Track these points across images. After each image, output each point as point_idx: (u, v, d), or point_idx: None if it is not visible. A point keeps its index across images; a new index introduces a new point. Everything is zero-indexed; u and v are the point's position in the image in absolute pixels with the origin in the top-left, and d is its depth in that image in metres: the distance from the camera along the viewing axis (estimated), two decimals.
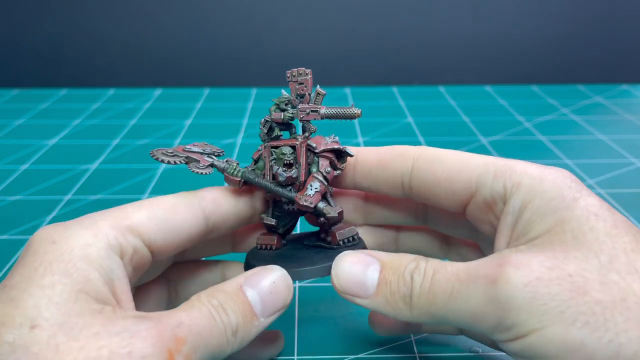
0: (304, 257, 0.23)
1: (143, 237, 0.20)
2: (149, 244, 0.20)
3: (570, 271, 0.16)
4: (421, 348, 0.27)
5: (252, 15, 0.68)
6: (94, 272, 0.18)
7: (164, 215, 0.21)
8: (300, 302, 0.30)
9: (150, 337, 0.17)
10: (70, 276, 0.17)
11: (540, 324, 0.16)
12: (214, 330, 0.18)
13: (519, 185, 0.19)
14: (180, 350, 0.17)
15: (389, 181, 0.23)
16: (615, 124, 0.58)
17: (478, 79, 0.71)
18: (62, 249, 0.18)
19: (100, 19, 0.68)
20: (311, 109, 0.24)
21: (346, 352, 0.27)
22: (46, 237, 0.19)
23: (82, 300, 0.17)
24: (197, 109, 0.63)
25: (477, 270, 0.17)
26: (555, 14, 0.69)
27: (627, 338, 0.15)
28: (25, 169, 0.48)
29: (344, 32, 0.69)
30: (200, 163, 0.23)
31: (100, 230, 0.19)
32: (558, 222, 0.18)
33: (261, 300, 0.20)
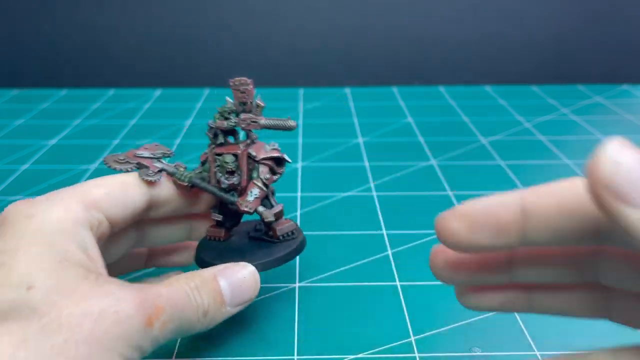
0: (247, 251, 0.27)
1: (103, 211, 0.23)
2: (108, 217, 0.23)
3: None
4: (421, 348, 0.27)
5: (252, 15, 0.68)
6: (71, 243, 0.20)
7: (118, 192, 0.24)
8: (300, 302, 0.30)
9: (133, 301, 0.20)
10: (53, 247, 0.20)
11: None
12: (188, 307, 0.22)
13: None
14: (159, 317, 0.20)
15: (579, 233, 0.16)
16: (616, 124, 0.58)
17: (478, 79, 0.71)
18: (39, 222, 0.20)
19: (101, 20, 0.68)
20: (251, 120, 0.26)
21: (346, 352, 0.27)
22: (21, 212, 0.21)
23: (68, 268, 0.20)
24: (197, 109, 0.63)
25: None
26: (555, 14, 0.69)
27: None
28: (25, 169, 0.48)
29: (344, 32, 0.69)
30: (150, 170, 0.26)
31: (70, 206, 0.22)
32: None
33: (231, 291, 0.24)
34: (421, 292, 0.31)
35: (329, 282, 0.32)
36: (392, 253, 0.35)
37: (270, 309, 0.30)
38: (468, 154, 0.50)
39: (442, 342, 0.27)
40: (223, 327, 0.28)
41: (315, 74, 0.71)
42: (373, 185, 0.44)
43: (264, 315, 0.29)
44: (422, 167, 0.48)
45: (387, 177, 0.46)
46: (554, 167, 0.47)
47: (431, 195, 0.42)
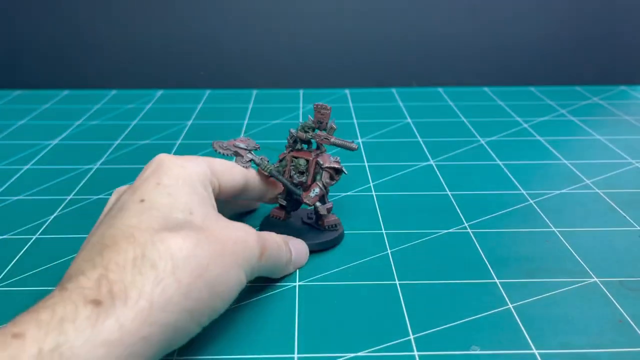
0: (300, 232, 0.35)
1: (220, 180, 0.31)
2: (220, 185, 0.31)
3: None
4: (420, 347, 0.27)
5: (252, 17, 0.69)
6: (206, 190, 0.28)
7: (229, 170, 0.32)
8: (300, 301, 0.31)
9: (255, 236, 0.27)
10: (197, 189, 0.27)
11: None
12: (280, 254, 0.30)
13: None
14: (265, 253, 0.28)
15: None
16: (614, 124, 0.58)
17: (477, 81, 0.72)
18: (189, 173, 0.28)
19: (102, 21, 0.69)
20: (324, 137, 0.34)
21: (346, 351, 0.27)
22: (175, 162, 0.28)
23: (208, 205, 0.27)
24: (198, 110, 0.63)
25: None
26: (553, 16, 0.69)
27: None
28: (28, 169, 0.48)
29: (344, 33, 0.69)
30: (243, 158, 0.35)
31: (204, 168, 0.29)
32: None
33: (294, 255, 0.33)
34: (420, 291, 0.31)
35: (329, 281, 0.32)
36: (391, 252, 0.35)
37: (271, 308, 0.30)
38: (467, 154, 0.51)
39: (441, 340, 0.27)
40: (223, 326, 0.28)
41: (315, 75, 0.71)
42: (372, 186, 0.44)
43: (265, 314, 0.30)
44: (421, 167, 0.48)
45: (387, 177, 0.46)
46: (552, 168, 0.48)
47: (430, 195, 0.43)
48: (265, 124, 0.59)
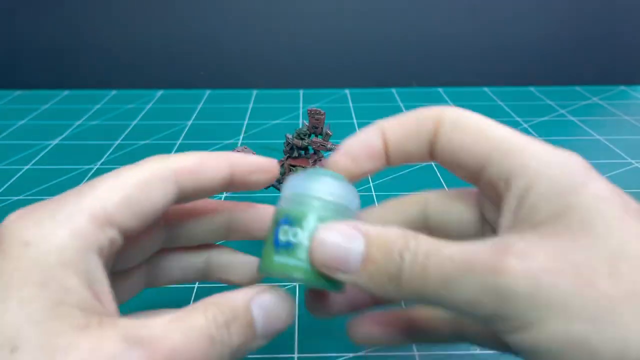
0: None
1: (119, 226, 0.18)
2: (124, 231, 0.18)
3: (576, 261, 0.15)
4: (421, 347, 0.27)
5: (252, 17, 0.69)
6: (74, 278, 0.16)
7: (138, 197, 0.18)
8: (300, 301, 0.31)
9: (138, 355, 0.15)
10: (50, 285, 0.16)
11: (541, 318, 0.15)
12: (210, 355, 0.17)
13: (526, 168, 0.17)
14: None
15: (420, 150, 0.21)
16: (613, 124, 0.58)
17: (476, 81, 0.72)
18: (37, 252, 0.16)
19: (103, 21, 0.69)
20: (321, 143, 0.34)
21: (346, 350, 0.27)
22: (18, 236, 0.17)
23: (64, 316, 0.15)
24: (199, 110, 0.63)
25: (475, 256, 0.16)
26: (553, 16, 0.69)
27: (636, 335, 0.14)
28: (28, 169, 0.48)
29: (343, 33, 0.70)
30: None
31: (78, 227, 0.17)
32: (565, 207, 0.16)
33: (264, 321, 0.19)
34: None
35: None
36: None
37: None
38: None
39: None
40: None
41: (315, 75, 0.72)
42: (372, 186, 0.44)
43: None
44: (421, 167, 0.48)
45: (387, 177, 0.46)
46: None
47: None
48: (265, 124, 0.59)
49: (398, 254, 0.17)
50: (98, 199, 0.18)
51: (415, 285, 0.17)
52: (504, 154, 0.18)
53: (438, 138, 0.20)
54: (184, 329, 0.16)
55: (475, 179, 0.20)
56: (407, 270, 0.17)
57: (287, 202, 0.20)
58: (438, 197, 0.23)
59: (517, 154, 0.18)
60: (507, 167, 0.18)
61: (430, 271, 0.16)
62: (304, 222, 0.19)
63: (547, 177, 0.17)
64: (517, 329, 0.15)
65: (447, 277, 0.16)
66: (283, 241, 0.19)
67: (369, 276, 0.18)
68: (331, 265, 0.18)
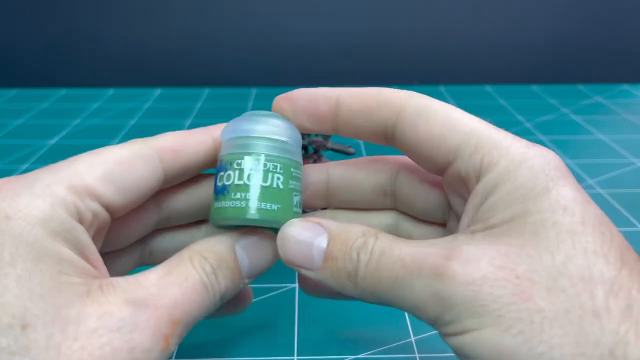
0: None
1: (101, 199, 0.18)
2: (107, 206, 0.18)
3: (519, 272, 0.15)
4: (421, 348, 0.27)
5: (252, 15, 0.68)
6: (64, 246, 0.16)
7: (120, 173, 0.19)
8: (300, 302, 0.30)
9: (149, 328, 0.16)
10: (43, 260, 0.15)
11: (477, 325, 0.15)
12: (206, 301, 0.18)
13: (496, 164, 0.17)
14: (175, 333, 0.17)
15: (373, 131, 0.20)
16: (616, 123, 0.58)
17: (478, 79, 0.71)
18: (21, 226, 0.16)
19: (100, 19, 0.68)
20: (321, 142, 0.34)
21: (346, 352, 0.27)
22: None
23: (65, 286, 0.16)
24: (197, 109, 0.63)
25: (424, 258, 0.16)
26: (555, 14, 0.69)
27: (560, 354, 0.14)
28: (26, 169, 0.48)
29: (344, 31, 0.69)
30: None
31: (57, 197, 0.17)
32: (521, 213, 0.16)
33: (250, 262, 0.20)
34: None
35: None
36: None
37: (270, 309, 0.30)
38: None
39: (443, 342, 0.27)
40: (222, 327, 0.28)
41: (315, 74, 0.71)
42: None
43: (264, 315, 0.29)
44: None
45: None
46: None
47: None
48: None
49: (356, 252, 0.17)
50: (76, 172, 0.18)
51: (369, 284, 0.17)
52: (474, 149, 0.18)
53: (400, 125, 0.19)
54: (178, 281, 0.17)
55: (440, 170, 0.19)
56: (362, 269, 0.17)
57: (223, 149, 0.20)
58: (410, 169, 0.22)
59: (487, 150, 0.17)
60: (476, 163, 0.18)
61: (382, 271, 0.17)
62: (234, 163, 0.19)
63: (514, 179, 0.17)
64: (456, 333, 0.16)
65: (397, 278, 0.16)
66: (219, 186, 0.19)
67: (330, 273, 0.18)
68: (295, 263, 0.19)
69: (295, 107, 0.21)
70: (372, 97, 0.20)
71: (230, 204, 0.19)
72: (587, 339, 0.14)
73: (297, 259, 0.19)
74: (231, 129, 0.20)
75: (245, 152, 0.19)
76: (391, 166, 0.22)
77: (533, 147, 0.18)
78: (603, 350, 0.14)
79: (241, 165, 0.19)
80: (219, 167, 0.20)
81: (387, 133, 0.20)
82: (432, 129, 0.18)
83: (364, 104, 0.20)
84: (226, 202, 0.19)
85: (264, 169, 0.19)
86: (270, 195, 0.19)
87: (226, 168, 0.19)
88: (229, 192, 0.19)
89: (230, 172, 0.19)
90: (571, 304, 0.14)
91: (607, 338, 0.14)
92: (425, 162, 0.20)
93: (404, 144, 0.20)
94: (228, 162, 0.19)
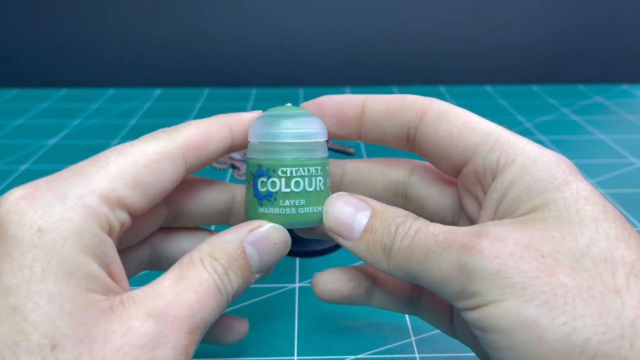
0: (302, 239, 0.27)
1: (129, 207, 0.18)
2: (133, 212, 0.18)
3: (544, 252, 0.16)
4: (421, 348, 0.27)
5: (252, 15, 0.68)
6: (93, 263, 0.16)
7: (149, 178, 0.18)
8: (300, 302, 0.30)
9: (170, 342, 0.16)
10: (74, 276, 0.15)
11: (501, 296, 0.16)
12: (220, 304, 0.18)
13: (512, 162, 0.18)
14: (193, 341, 0.17)
15: (396, 134, 0.21)
16: (616, 123, 0.58)
17: (478, 79, 0.71)
18: (53, 240, 0.15)
19: (100, 19, 0.68)
20: None
21: (346, 353, 0.26)
22: (28, 222, 0.16)
23: (92, 303, 0.16)
24: (197, 109, 0.63)
25: (455, 236, 0.17)
26: (555, 14, 0.69)
27: (583, 324, 0.15)
28: (25, 169, 0.48)
29: (344, 31, 0.69)
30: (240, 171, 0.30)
31: (90, 209, 0.16)
32: (544, 202, 0.17)
33: (259, 258, 0.20)
34: None
35: None
36: None
37: (270, 309, 0.30)
38: None
39: (443, 342, 0.27)
40: None
41: (315, 74, 0.71)
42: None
43: (264, 315, 0.29)
44: None
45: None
46: None
47: None
48: None
49: (395, 226, 0.19)
50: (108, 180, 0.17)
51: (401, 258, 0.18)
52: (491, 147, 0.19)
53: (422, 126, 0.21)
54: (193, 287, 0.18)
55: (456, 170, 0.21)
56: (397, 243, 0.18)
57: (257, 152, 0.20)
58: (424, 170, 0.23)
59: (503, 149, 0.19)
60: (493, 161, 0.19)
61: (415, 245, 0.18)
62: (278, 171, 0.20)
63: (532, 173, 0.18)
64: (477, 306, 0.16)
65: (428, 252, 0.17)
66: (263, 192, 0.20)
67: (366, 245, 0.19)
68: (336, 231, 0.20)
69: (322, 112, 0.22)
70: (396, 101, 0.21)
71: (280, 211, 0.20)
72: (608, 312, 0.15)
73: (338, 227, 0.20)
74: (265, 132, 0.20)
75: (289, 158, 0.20)
76: (406, 165, 0.23)
77: (547, 150, 0.19)
78: (624, 322, 0.14)
79: (286, 173, 0.20)
80: (259, 171, 0.20)
81: (409, 135, 0.21)
82: (452, 129, 0.20)
83: (389, 107, 0.21)
84: (274, 209, 0.20)
85: (307, 174, 0.20)
86: (315, 198, 0.20)
87: (269, 175, 0.20)
88: (276, 200, 0.20)
89: (274, 179, 0.20)
90: (593, 282, 0.15)
91: (628, 312, 0.15)
92: (443, 161, 0.21)
93: (425, 144, 0.21)
94: (270, 168, 0.20)
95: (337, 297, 0.23)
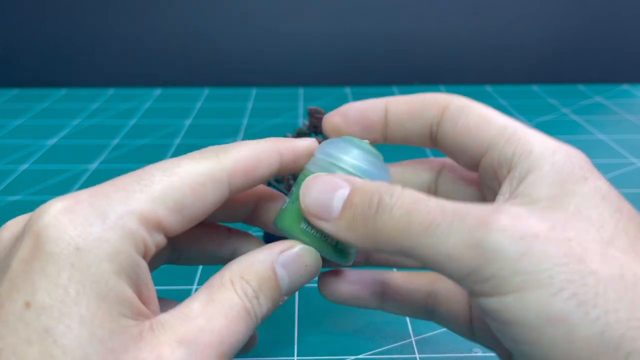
0: None
1: (167, 230, 0.17)
2: (169, 234, 0.18)
3: (570, 236, 0.15)
4: (422, 349, 0.27)
5: (252, 15, 0.68)
6: (127, 287, 0.16)
7: (191, 202, 0.18)
8: (300, 302, 0.30)
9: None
10: (107, 300, 0.15)
11: (523, 284, 0.14)
12: (250, 328, 0.18)
13: (529, 153, 0.17)
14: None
15: (420, 133, 0.21)
16: (616, 124, 0.58)
17: (478, 79, 0.71)
18: (90, 260, 0.15)
19: (100, 19, 0.68)
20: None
21: (346, 353, 0.26)
22: (67, 239, 0.15)
23: (123, 329, 0.15)
24: (197, 109, 0.63)
25: (467, 209, 0.15)
26: (555, 14, 0.69)
27: (616, 319, 0.13)
28: (25, 169, 0.48)
29: (344, 31, 0.69)
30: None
31: (128, 231, 0.16)
32: (563, 193, 0.16)
33: (289, 280, 0.19)
34: None
35: None
36: None
37: None
38: None
39: (443, 342, 0.27)
40: None
41: (315, 74, 0.71)
42: None
43: None
44: None
45: None
46: None
47: None
48: (264, 123, 0.58)
49: (377, 196, 0.17)
50: (151, 201, 0.17)
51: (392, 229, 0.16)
52: (508, 139, 0.18)
53: (443, 122, 0.20)
54: (223, 311, 0.17)
55: (475, 164, 0.20)
56: (386, 213, 0.16)
57: (313, 164, 0.20)
58: (451, 169, 0.23)
59: (521, 140, 0.18)
60: (510, 152, 0.18)
61: (414, 217, 0.16)
62: None
63: (551, 163, 0.17)
64: (494, 293, 0.14)
65: (432, 224, 0.15)
66: None
67: (346, 222, 0.17)
68: (314, 213, 0.18)
69: (347, 121, 0.22)
70: (417, 100, 0.21)
71: (320, 235, 0.19)
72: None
73: (316, 209, 0.18)
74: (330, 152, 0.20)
75: None
76: (435, 165, 0.23)
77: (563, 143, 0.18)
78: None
79: None
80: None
81: (432, 132, 0.21)
82: (469, 123, 0.20)
83: (411, 107, 0.21)
84: (315, 232, 0.19)
85: None
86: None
87: None
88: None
89: None
90: (625, 271, 0.14)
91: None
92: (462, 154, 0.20)
93: (445, 138, 0.20)
94: None
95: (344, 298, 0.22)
